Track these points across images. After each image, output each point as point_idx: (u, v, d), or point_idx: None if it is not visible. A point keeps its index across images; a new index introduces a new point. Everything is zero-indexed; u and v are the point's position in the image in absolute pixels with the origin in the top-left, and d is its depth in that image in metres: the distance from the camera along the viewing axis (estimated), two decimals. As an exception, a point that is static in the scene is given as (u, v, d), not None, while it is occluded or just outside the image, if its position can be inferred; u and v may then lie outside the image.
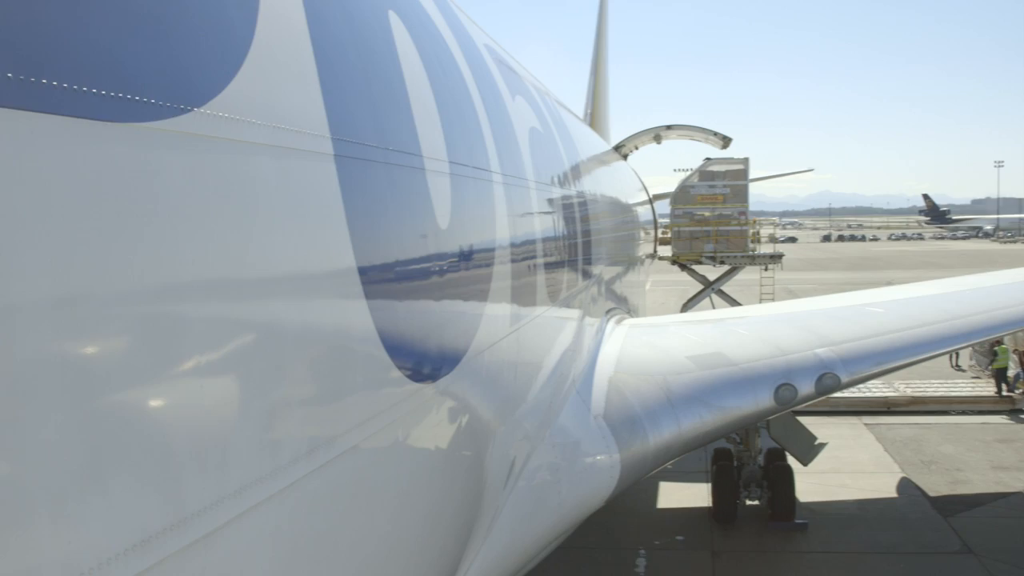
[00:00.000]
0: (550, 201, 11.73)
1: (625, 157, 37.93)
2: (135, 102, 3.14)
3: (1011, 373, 34.96)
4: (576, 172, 15.32)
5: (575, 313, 12.96)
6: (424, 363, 6.06)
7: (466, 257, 7.19)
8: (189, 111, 3.45)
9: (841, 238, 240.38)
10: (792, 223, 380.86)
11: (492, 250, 8.01)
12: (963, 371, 39.91)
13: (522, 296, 9.17)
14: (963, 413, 33.41)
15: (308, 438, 4.31)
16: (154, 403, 3.27)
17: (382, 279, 5.31)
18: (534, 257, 10.00)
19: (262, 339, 3.93)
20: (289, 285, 4.19)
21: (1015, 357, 34.98)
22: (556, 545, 11.72)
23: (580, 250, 13.56)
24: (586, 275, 14.26)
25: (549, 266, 10.83)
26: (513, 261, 8.79)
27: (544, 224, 10.90)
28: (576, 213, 13.78)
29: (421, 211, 6.18)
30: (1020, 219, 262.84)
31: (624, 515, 22.52)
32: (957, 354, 40.18)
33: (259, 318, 3.93)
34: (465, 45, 9.17)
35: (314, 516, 4.51)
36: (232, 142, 3.75)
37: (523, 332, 9.14)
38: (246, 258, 3.82)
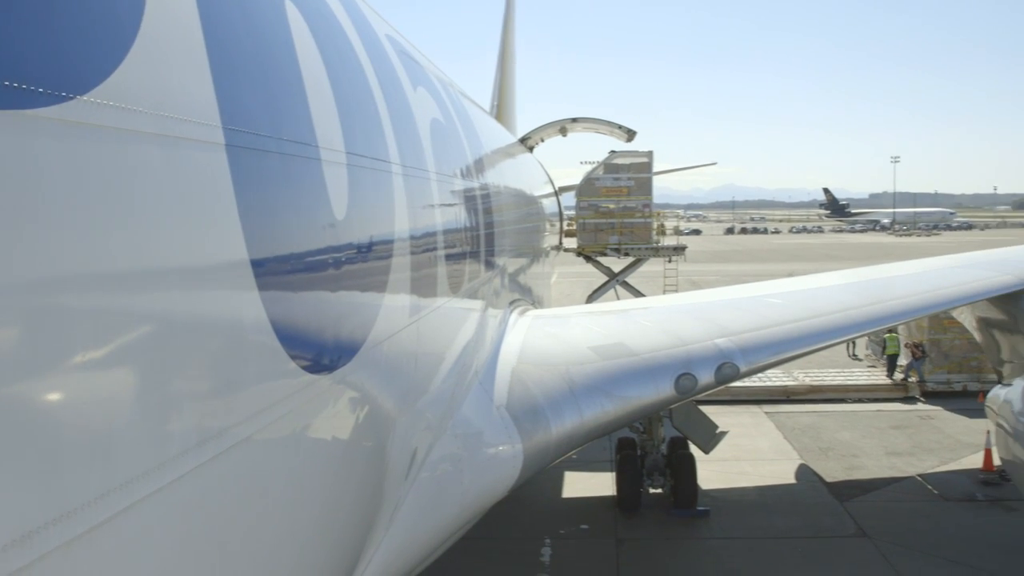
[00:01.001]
0: (452, 192, 11.71)
1: (531, 149, 38.08)
2: (13, 88, 3.07)
3: (903, 362, 36.06)
4: (479, 164, 15.32)
5: (477, 304, 12.96)
6: (320, 354, 6.02)
7: (364, 248, 7.14)
8: (72, 99, 3.38)
9: (744, 231, 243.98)
10: (696, 215, 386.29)
11: (391, 241, 7.97)
12: (859, 360, 40.97)
13: (422, 287, 9.15)
14: (859, 401, 34.36)
15: (198, 430, 4.26)
16: (37, 397, 3.20)
17: (276, 270, 5.26)
18: (435, 248, 9.98)
19: (150, 332, 3.87)
20: (178, 277, 4.13)
21: (907, 348, 36.03)
22: (460, 535, 11.74)
23: (483, 241, 13.56)
24: (489, 266, 14.27)
25: (451, 257, 10.82)
26: (413, 252, 8.75)
27: (446, 215, 10.88)
28: (479, 205, 13.79)
29: (317, 201, 6.12)
30: (915, 213, 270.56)
31: (530, 505, 22.70)
32: (854, 343, 41.25)
33: (147, 310, 3.87)
34: (365, 35, 9.10)
35: (205, 510, 4.45)
36: (117, 131, 3.68)
37: (423, 323, 9.12)
38: (132, 250, 3.75)
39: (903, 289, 19.56)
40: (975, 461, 25.94)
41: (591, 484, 24.77)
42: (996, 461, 22.95)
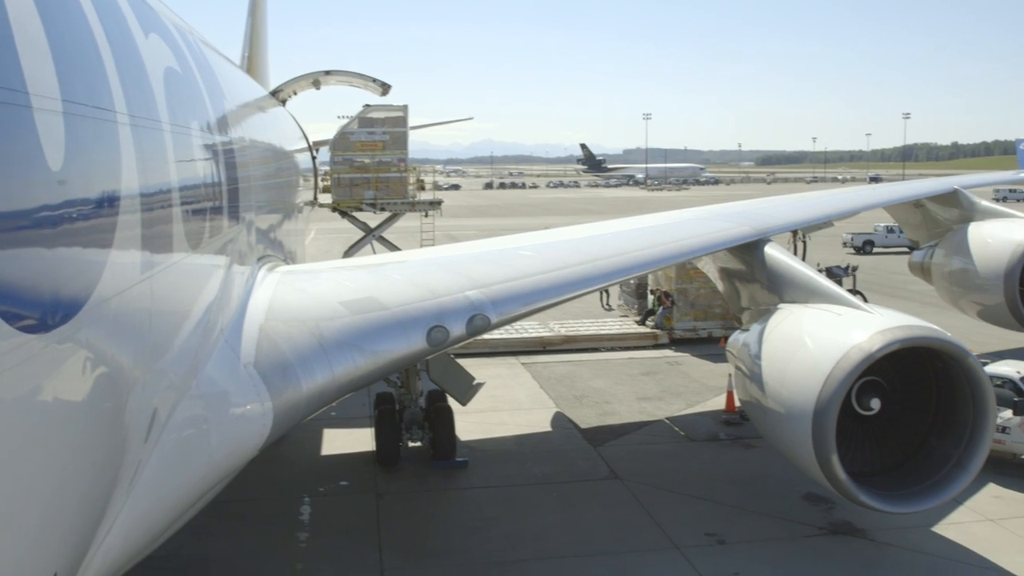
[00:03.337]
0: (189, 145, 11.18)
1: (284, 103, 37.07)
2: None
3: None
4: (222, 116, 14.70)
5: (220, 260, 12.48)
6: (35, 312, 5.64)
7: (85, 201, 6.70)
8: None
9: (503, 186, 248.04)
10: (456, 171, 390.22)
11: (116, 194, 7.50)
12: (612, 310, 42.45)
13: (155, 243, 8.69)
14: (612, 349, 35.60)
15: None
16: None
17: None
18: (169, 203, 9.50)
19: None
20: None
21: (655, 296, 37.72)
22: (213, 496, 11.44)
23: (225, 196, 13.04)
24: (233, 221, 13.75)
25: (188, 212, 10.34)
26: (144, 207, 8.29)
27: (182, 169, 10.37)
28: (220, 158, 13.23)
29: (26, 151, 5.68)
30: (667, 168, 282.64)
31: (289, 464, 22.44)
32: (607, 293, 42.69)
33: None
34: None
35: None
36: None
37: (157, 280, 8.68)
38: None
39: (650, 240, 20.23)
40: (718, 403, 27.47)
41: (350, 440, 24.68)
42: (737, 403, 24.25)
